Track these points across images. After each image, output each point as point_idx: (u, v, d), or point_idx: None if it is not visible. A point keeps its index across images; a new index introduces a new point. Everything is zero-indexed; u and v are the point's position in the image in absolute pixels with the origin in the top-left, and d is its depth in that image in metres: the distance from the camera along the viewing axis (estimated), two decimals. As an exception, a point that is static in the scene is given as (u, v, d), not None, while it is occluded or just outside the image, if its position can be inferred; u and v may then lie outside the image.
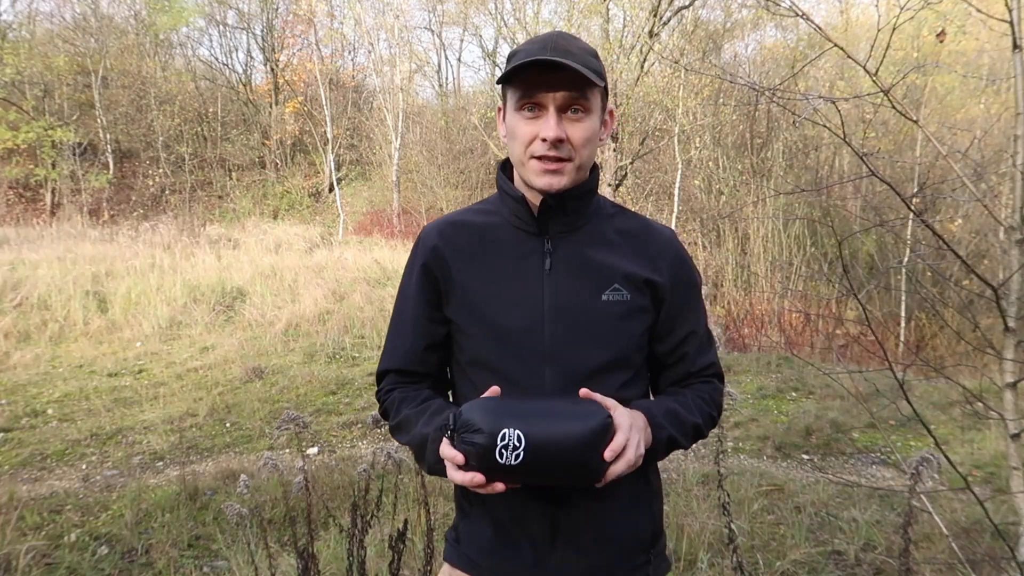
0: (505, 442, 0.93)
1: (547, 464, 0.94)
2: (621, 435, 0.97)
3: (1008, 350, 2.08)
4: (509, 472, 0.95)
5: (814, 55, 12.55)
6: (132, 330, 8.32)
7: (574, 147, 1.07)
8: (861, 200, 11.61)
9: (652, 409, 1.10)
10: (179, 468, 4.44)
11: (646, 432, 1.05)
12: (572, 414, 0.97)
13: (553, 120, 1.05)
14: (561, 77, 1.04)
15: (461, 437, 0.96)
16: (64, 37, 20.87)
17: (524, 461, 0.93)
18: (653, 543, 1.19)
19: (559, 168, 1.08)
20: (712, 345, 1.24)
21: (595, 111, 1.09)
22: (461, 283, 1.16)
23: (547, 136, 1.05)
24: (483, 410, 0.97)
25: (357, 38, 22.88)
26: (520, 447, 0.93)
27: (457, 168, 19.74)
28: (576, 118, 1.07)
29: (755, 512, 3.54)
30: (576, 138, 1.07)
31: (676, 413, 1.12)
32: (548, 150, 1.06)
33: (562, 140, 1.06)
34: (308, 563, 2.02)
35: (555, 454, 0.94)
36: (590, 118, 1.08)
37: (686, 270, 1.20)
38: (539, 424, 0.95)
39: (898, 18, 2.19)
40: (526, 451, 0.93)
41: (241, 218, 19.16)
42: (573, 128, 1.07)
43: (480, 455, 0.94)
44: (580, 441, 0.94)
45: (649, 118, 13.01)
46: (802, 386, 6.41)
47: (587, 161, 1.12)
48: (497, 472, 0.95)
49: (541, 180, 1.09)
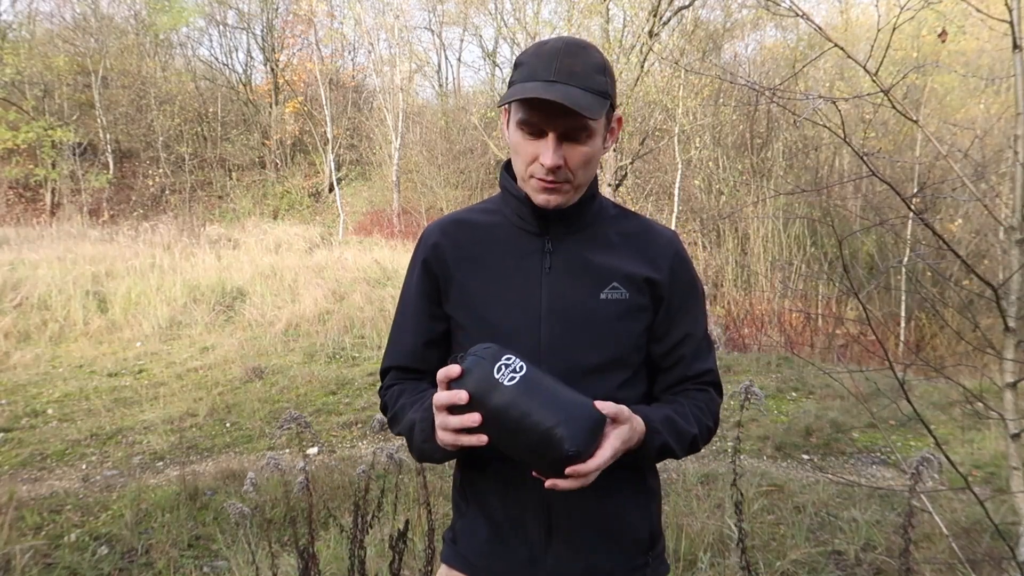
0: (509, 362, 0.95)
1: (530, 411, 0.92)
2: (594, 462, 0.94)
3: (1008, 350, 2.08)
4: (496, 393, 0.93)
5: (814, 55, 12.56)
6: (132, 330, 8.32)
7: (571, 171, 1.07)
8: (861, 200, 11.61)
9: (649, 415, 1.09)
10: (179, 468, 4.44)
11: (638, 435, 1.04)
12: (574, 395, 0.96)
13: (552, 147, 1.04)
14: (562, 108, 1.02)
15: (470, 350, 0.98)
16: (64, 37, 20.87)
17: (516, 386, 0.93)
18: (652, 545, 1.18)
19: (557, 188, 1.08)
20: (711, 352, 1.22)
21: (598, 133, 1.09)
22: (461, 280, 1.17)
23: (545, 163, 1.05)
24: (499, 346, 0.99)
25: (357, 38, 22.91)
26: (519, 373, 0.94)
27: (457, 168, 19.74)
28: (576, 144, 1.06)
29: (755, 512, 3.54)
30: (574, 162, 1.07)
31: (673, 421, 1.11)
32: (546, 175, 1.07)
33: (560, 167, 1.06)
34: (308, 563, 2.02)
35: (541, 407, 0.93)
36: (592, 142, 1.08)
37: (686, 271, 1.19)
38: (542, 378, 0.96)
39: (898, 18, 2.19)
40: (522, 378, 0.94)
41: (241, 218, 19.16)
42: (573, 152, 1.06)
43: (481, 363, 0.95)
44: (567, 416, 0.92)
45: (649, 118, 13.01)
46: (802, 386, 6.41)
47: (585, 181, 1.12)
48: (485, 391, 0.93)
49: (539, 198, 1.10)
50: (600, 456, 0.94)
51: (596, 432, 0.95)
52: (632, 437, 1.01)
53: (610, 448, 0.96)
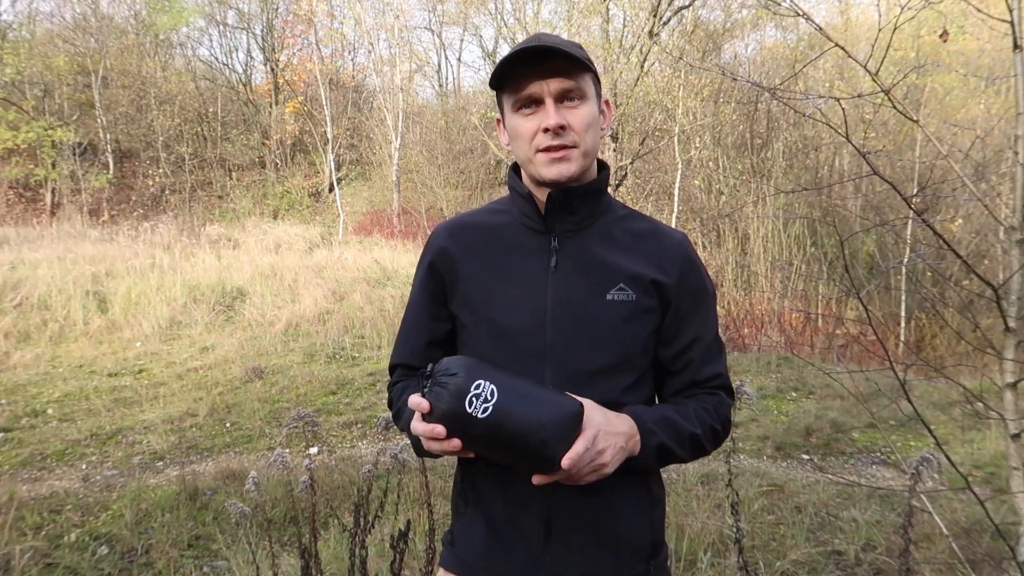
0: (479, 392, 0.93)
1: (509, 431, 0.93)
2: (582, 443, 0.94)
3: (1008, 350, 2.08)
4: (471, 426, 0.93)
5: (814, 55, 12.56)
6: (132, 330, 8.32)
7: (576, 133, 1.08)
8: (861, 200, 11.61)
9: (643, 415, 1.06)
10: (179, 468, 4.43)
11: (633, 439, 1.03)
12: (545, 396, 0.97)
13: (552, 109, 1.07)
14: (550, 66, 1.06)
15: (436, 380, 0.96)
16: (64, 37, 20.86)
17: (490, 416, 0.92)
18: (653, 554, 1.15)
19: (566, 155, 1.08)
20: (721, 356, 1.19)
21: (591, 96, 1.11)
22: (466, 281, 1.17)
23: (549, 125, 1.06)
24: (464, 361, 0.97)
25: (357, 38, 22.90)
26: (491, 402, 0.92)
27: (457, 168, 19.73)
28: (573, 105, 1.09)
29: (755, 512, 3.54)
30: (577, 124, 1.08)
31: (671, 421, 1.08)
32: (552, 140, 1.07)
33: (564, 127, 1.07)
34: (310, 562, 2.02)
35: (519, 424, 0.93)
36: (587, 104, 1.10)
37: (696, 274, 1.17)
38: (513, 390, 0.95)
39: (898, 18, 2.19)
40: (495, 408, 0.92)
41: (241, 218, 19.15)
42: (572, 115, 1.08)
43: (451, 398, 0.93)
44: (545, 421, 0.93)
45: (649, 118, 13.01)
46: (802, 386, 6.41)
47: (592, 148, 1.12)
48: (459, 424, 0.94)
49: (550, 171, 1.09)
50: (574, 450, 0.94)
51: (575, 428, 0.96)
52: (617, 426, 1.01)
53: (583, 442, 0.95)
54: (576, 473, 0.96)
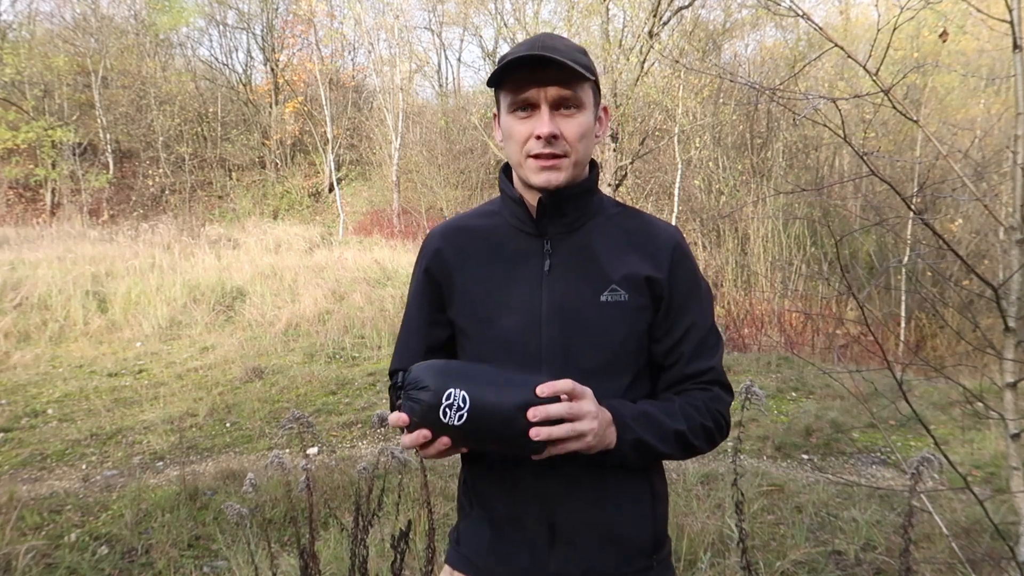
0: (450, 401, 0.95)
1: (488, 428, 0.95)
2: (560, 406, 0.94)
3: (1008, 350, 2.08)
4: (451, 433, 0.96)
5: (814, 55, 12.56)
6: (132, 330, 8.32)
7: (569, 143, 1.08)
8: (861, 200, 11.61)
9: (620, 409, 1.05)
10: (179, 468, 4.43)
11: (610, 430, 1.02)
12: (516, 379, 0.98)
13: (547, 117, 1.06)
14: (550, 74, 1.05)
15: (408, 394, 0.98)
16: (64, 37, 20.87)
17: (466, 423, 0.95)
18: (656, 549, 1.16)
19: (556, 164, 1.08)
20: (715, 350, 1.17)
21: (588, 106, 1.10)
22: (462, 285, 1.17)
23: (541, 133, 1.05)
24: (432, 369, 0.99)
25: (357, 38, 22.88)
26: (464, 408, 0.95)
27: (457, 168, 19.73)
28: (569, 114, 1.08)
29: (755, 512, 3.54)
30: (570, 134, 1.08)
31: (651, 416, 1.07)
32: (543, 147, 1.07)
33: (556, 136, 1.06)
34: (309, 562, 2.02)
35: (496, 418, 0.95)
36: (583, 113, 1.09)
37: (687, 267, 1.16)
38: (484, 388, 0.96)
39: (898, 18, 2.19)
40: (469, 412, 0.95)
41: (241, 218, 19.17)
42: (567, 124, 1.08)
43: (424, 412, 0.96)
44: (520, 403, 0.94)
45: (649, 118, 13.01)
46: (802, 386, 6.40)
47: (584, 157, 1.11)
48: (440, 432, 0.97)
49: (539, 177, 1.09)
50: (560, 406, 0.94)
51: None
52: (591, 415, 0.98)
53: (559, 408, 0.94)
54: (556, 431, 0.93)
